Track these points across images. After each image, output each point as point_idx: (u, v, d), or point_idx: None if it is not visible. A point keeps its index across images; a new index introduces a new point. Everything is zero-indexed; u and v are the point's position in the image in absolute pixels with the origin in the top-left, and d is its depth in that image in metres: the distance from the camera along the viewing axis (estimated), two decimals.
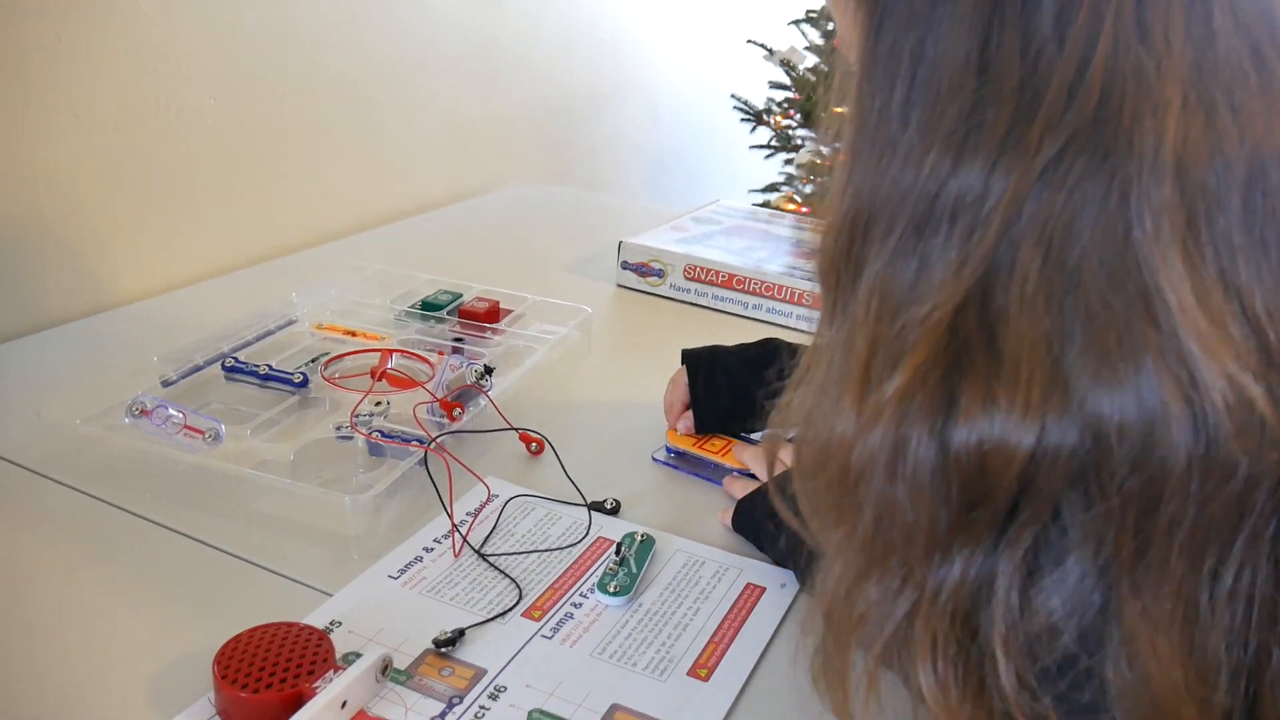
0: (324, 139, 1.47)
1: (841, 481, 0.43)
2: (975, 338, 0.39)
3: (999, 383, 0.38)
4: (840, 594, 0.45)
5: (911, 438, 0.40)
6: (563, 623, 0.68)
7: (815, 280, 0.47)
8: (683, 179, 2.54)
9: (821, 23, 2.23)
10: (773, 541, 0.75)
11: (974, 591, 0.41)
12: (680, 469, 0.88)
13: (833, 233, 0.45)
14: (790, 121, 2.31)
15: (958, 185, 0.40)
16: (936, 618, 0.41)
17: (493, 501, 0.81)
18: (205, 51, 1.25)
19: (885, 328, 0.41)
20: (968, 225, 0.39)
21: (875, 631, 0.44)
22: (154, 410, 0.83)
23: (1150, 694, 0.38)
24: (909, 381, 0.40)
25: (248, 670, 0.58)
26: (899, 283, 0.41)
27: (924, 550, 0.41)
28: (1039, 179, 0.38)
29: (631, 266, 1.32)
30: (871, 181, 0.42)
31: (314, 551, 0.75)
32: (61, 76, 1.10)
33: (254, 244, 1.39)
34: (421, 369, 0.98)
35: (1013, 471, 0.38)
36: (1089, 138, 0.38)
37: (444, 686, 0.62)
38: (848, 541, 0.44)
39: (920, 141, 0.41)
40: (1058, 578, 0.39)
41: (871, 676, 0.45)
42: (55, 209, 1.13)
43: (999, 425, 0.38)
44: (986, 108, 0.39)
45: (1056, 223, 0.38)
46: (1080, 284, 0.38)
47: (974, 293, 0.39)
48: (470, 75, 1.75)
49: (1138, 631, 0.38)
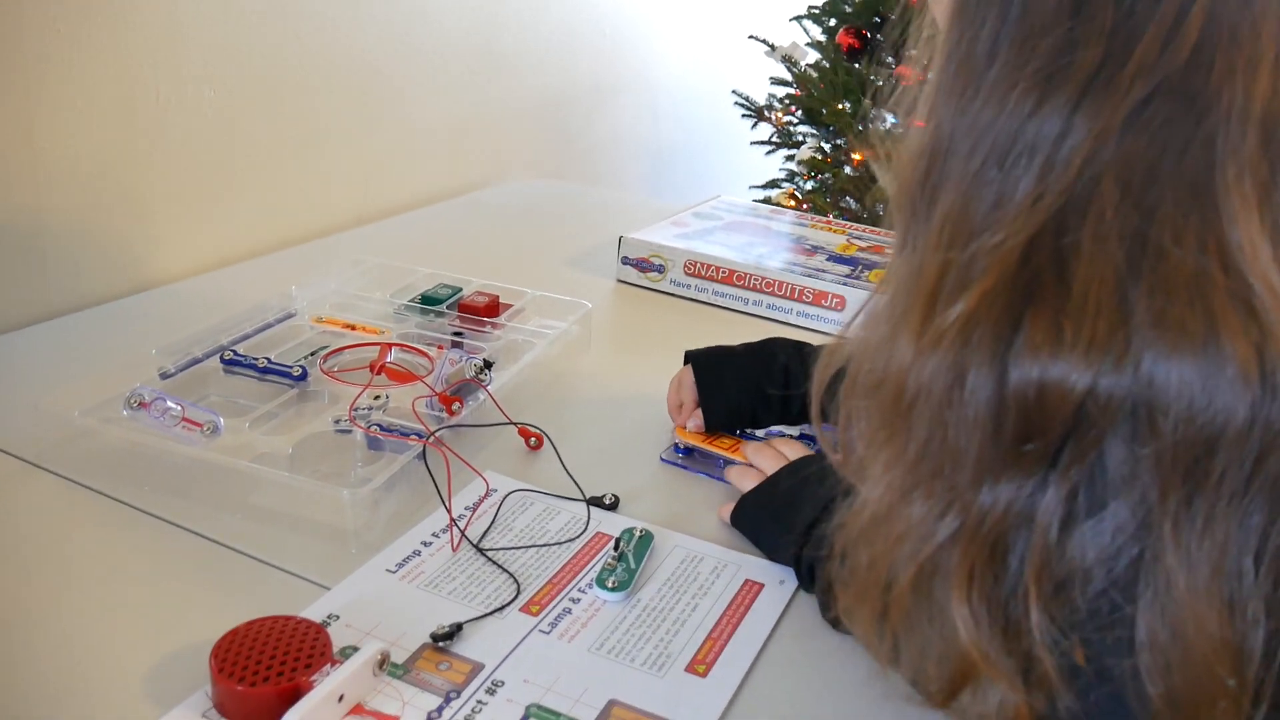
0: (324, 132, 1.47)
1: (895, 404, 0.44)
2: (1046, 269, 0.40)
3: (1065, 315, 0.39)
4: (881, 513, 0.45)
5: (971, 366, 0.41)
6: (561, 618, 0.68)
7: (892, 210, 0.48)
8: (683, 174, 2.54)
9: (823, 19, 2.23)
10: (771, 541, 0.75)
11: (1015, 525, 0.41)
12: (688, 468, 0.88)
13: (912, 163, 0.45)
14: (791, 118, 2.30)
15: (1041, 122, 0.40)
16: (976, 547, 0.42)
17: (491, 496, 0.81)
18: (204, 43, 1.25)
19: (956, 254, 0.42)
20: (1047, 161, 0.40)
21: (912, 554, 0.44)
22: (152, 402, 0.83)
23: (1182, 646, 0.38)
24: (974, 307, 0.40)
25: (244, 663, 0.58)
26: (974, 211, 0.42)
27: (972, 476, 0.41)
28: (1124, 121, 0.39)
29: (632, 262, 1.32)
30: (953, 115, 0.43)
31: (312, 545, 0.74)
32: (59, 67, 1.09)
33: (253, 237, 1.39)
34: (421, 363, 0.98)
35: (1068, 409, 0.39)
36: (1178, 85, 0.39)
37: (441, 681, 0.62)
38: (896, 461, 0.45)
39: (1005, 78, 0.41)
40: (1096, 520, 0.39)
41: (902, 601, 0.45)
42: (53, 201, 1.12)
43: (1061, 359, 0.39)
44: (1077, 48, 0.40)
45: (1138, 164, 0.39)
46: (1155, 222, 0.39)
47: (1049, 225, 0.40)
48: (471, 69, 1.74)
49: (1176, 581, 0.38)
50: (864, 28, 2.10)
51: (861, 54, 2.11)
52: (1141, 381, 0.38)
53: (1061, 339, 0.39)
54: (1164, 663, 0.38)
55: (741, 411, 0.89)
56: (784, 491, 0.76)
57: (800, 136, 2.31)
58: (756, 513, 0.77)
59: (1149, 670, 0.39)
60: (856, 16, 2.14)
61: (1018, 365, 0.40)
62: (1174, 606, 0.38)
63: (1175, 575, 0.38)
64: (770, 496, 0.77)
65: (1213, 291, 0.37)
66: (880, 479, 0.46)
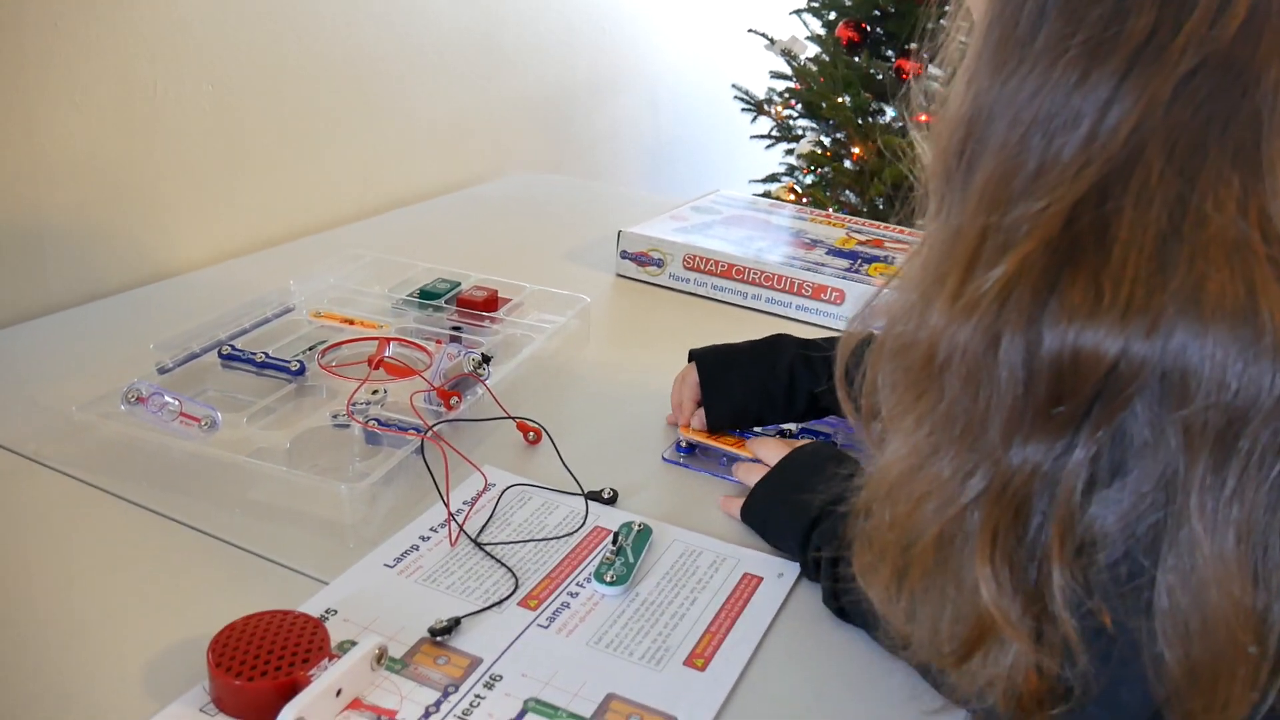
0: (322, 127, 1.47)
1: (926, 366, 0.44)
2: (1086, 235, 0.40)
3: (1103, 279, 0.39)
4: (906, 472, 0.46)
5: (1006, 330, 0.41)
6: (559, 612, 0.68)
7: (927, 177, 0.48)
8: (683, 169, 2.54)
9: (823, 13, 2.22)
10: (779, 528, 0.75)
11: (1040, 486, 0.41)
12: (690, 467, 0.87)
13: (950, 130, 0.45)
14: (791, 111, 2.30)
15: (1087, 92, 0.41)
16: (1001, 508, 0.42)
17: (489, 490, 0.81)
18: (203, 39, 1.25)
19: (996, 219, 0.42)
20: (1092, 130, 0.40)
21: (937, 512, 0.44)
22: (150, 397, 0.82)
23: (1204, 612, 0.38)
24: (1014, 271, 0.41)
25: (242, 658, 0.58)
26: (1016, 178, 0.42)
27: (1001, 437, 0.42)
28: (1173, 91, 0.39)
29: (631, 256, 1.32)
30: (994, 84, 0.43)
31: (310, 540, 0.74)
32: (58, 63, 1.09)
33: (252, 231, 1.38)
34: (419, 357, 0.98)
35: (1099, 372, 0.39)
36: (1225, 58, 0.39)
37: (439, 675, 0.62)
38: (924, 421, 0.45)
39: (1051, 48, 0.42)
40: (1120, 482, 0.40)
41: (923, 560, 0.45)
42: (51, 196, 1.12)
43: (1096, 324, 0.39)
44: (1127, 18, 0.40)
45: (1183, 134, 0.39)
46: (1198, 190, 0.39)
47: (1091, 192, 0.40)
48: (470, 63, 1.74)
49: (1200, 546, 0.38)
50: (863, 21, 2.10)
51: (861, 47, 2.10)
52: (1175, 348, 0.38)
53: (1099, 303, 0.39)
54: (1184, 628, 0.39)
55: (746, 412, 0.89)
56: (791, 477, 0.77)
57: (800, 130, 2.30)
58: (767, 501, 0.77)
59: (1167, 635, 0.39)
60: (856, 10, 2.13)
61: (1053, 329, 0.40)
62: (1197, 572, 0.38)
63: (1200, 541, 0.38)
64: (779, 483, 0.77)
65: (1253, 261, 0.38)
66: (907, 439, 0.46)
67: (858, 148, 2.08)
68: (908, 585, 0.47)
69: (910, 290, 0.47)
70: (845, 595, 0.68)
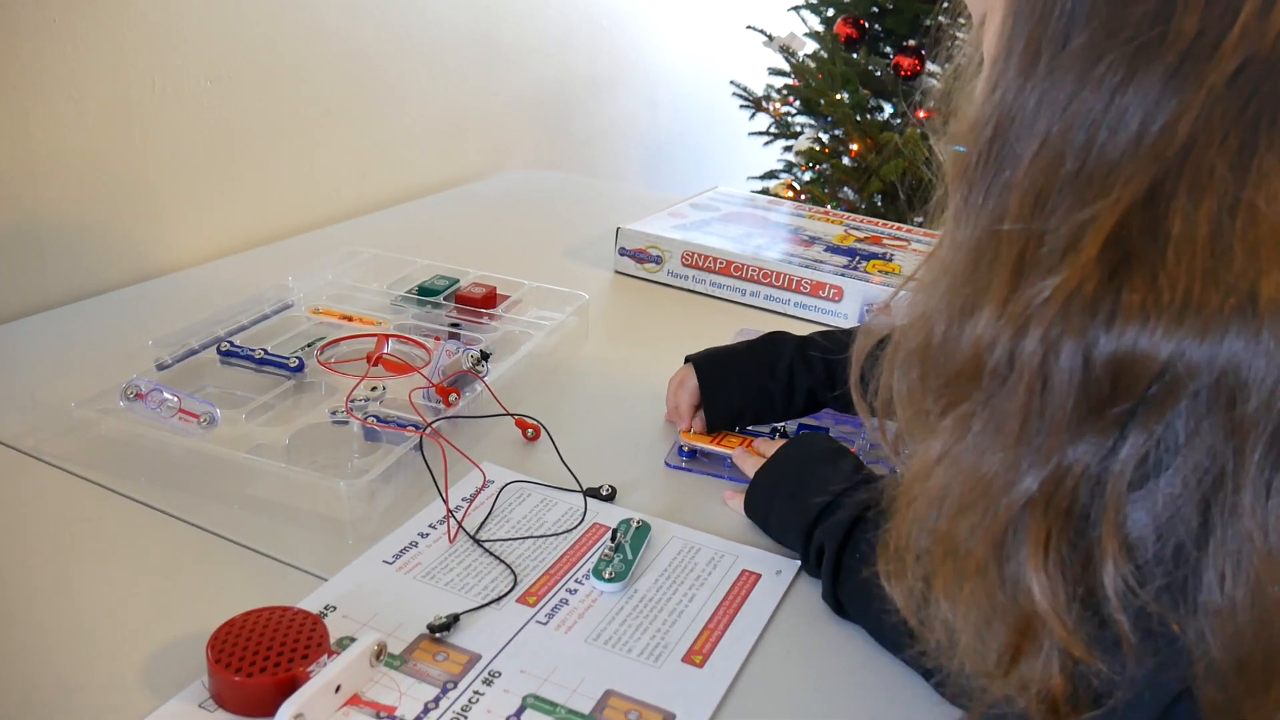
0: (321, 123, 1.47)
1: (969, 373, 0.44)
2: (1139, 239, 0.40)
3: (1159, 283, 0.39)
4: (948, 475, 0.45)
5: (1064, 336, 0.40)
6: (557, 609, 0.68)
7: (948, 178, 0.47)
8: (681, 165, 2.54)
9: (821, 9, 2.22)
10: (781, 520, 0.75)
11: (1090, 487, 0.41)
12: (693, 471, 0.87)
13: (974, 132, 0.44)
14: (789, 108, 2.30)
15: (1134, 93, 0.40)
16: (1054, 509, 0.42)
17: (488, 487, 0.81)
18: (202, 34, 1.24)
19: (1040, 225, 0.42)
20: (1141, 132, 0.40)
21: (985, 517, 0.43)
22: (149, 394, 0.83)
23: (1257, 608, 0.38)
24: (1074, 278, 0.40)
25: (241, 654, 0.58)
26: (1058, 183, 0.41)
27: (1053, 438, 0.41)
28: (1223, 89, 0.39)
29: (629, 253, 1.32)
30: (1023, 85, 0.43)
31: (309, 536, 0.74)
32: (56, 59, 1.09)
33: (250, 228, 1.38)
34: (418, 354, 0.98)
35: (1153, 372, 0.39)
36: (1271, 55, 0.39)
37: (438, 671, 0.62)
38: (966, 424, 0.44)
39: (1090, 48, 0.41)
40: (1170, 478, 0.39)
41: (967, 564, 0.45)
42: (49, 192, 1.12)
43: (1151, 327, 0.39)
44: (1173, 16, 0.39)
45: (1233, 130, 0.39)
46: (1249, 185, 0.38)
47: (1142, 197, 0.40)
48: (469, 60, 1.74)
49: (1254, 542, 0.38)
50: (862, 18, 2.10)
51: (859, 44, 2.10)
52: (1230, 348, 0.38)
53: (1155, 304, 0.39)
54: (1235, 624, 0.38)
55: (744, 412, 0.89)
56: (791, 467, 0.77)
57: (798, 127, 2.30)
58: (769, 494, 0.77)
59: (1217, 631, 0.39)
60: (854, 7, 2.13)
61: (1109, 333, 0.40)
62: (1250, 568, 0.38)
63: (1253, 536, 0.38)
64: (778, 474, 0.77)
65: None
66: (944, 443, 0.45)
67: (856, 144, 2.08)
68: (945, 590, 0.46)
69: (937, 294, 0.46)
70: (845, 591, 0.68)
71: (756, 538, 0.77)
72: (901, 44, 2.06)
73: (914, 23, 2.06)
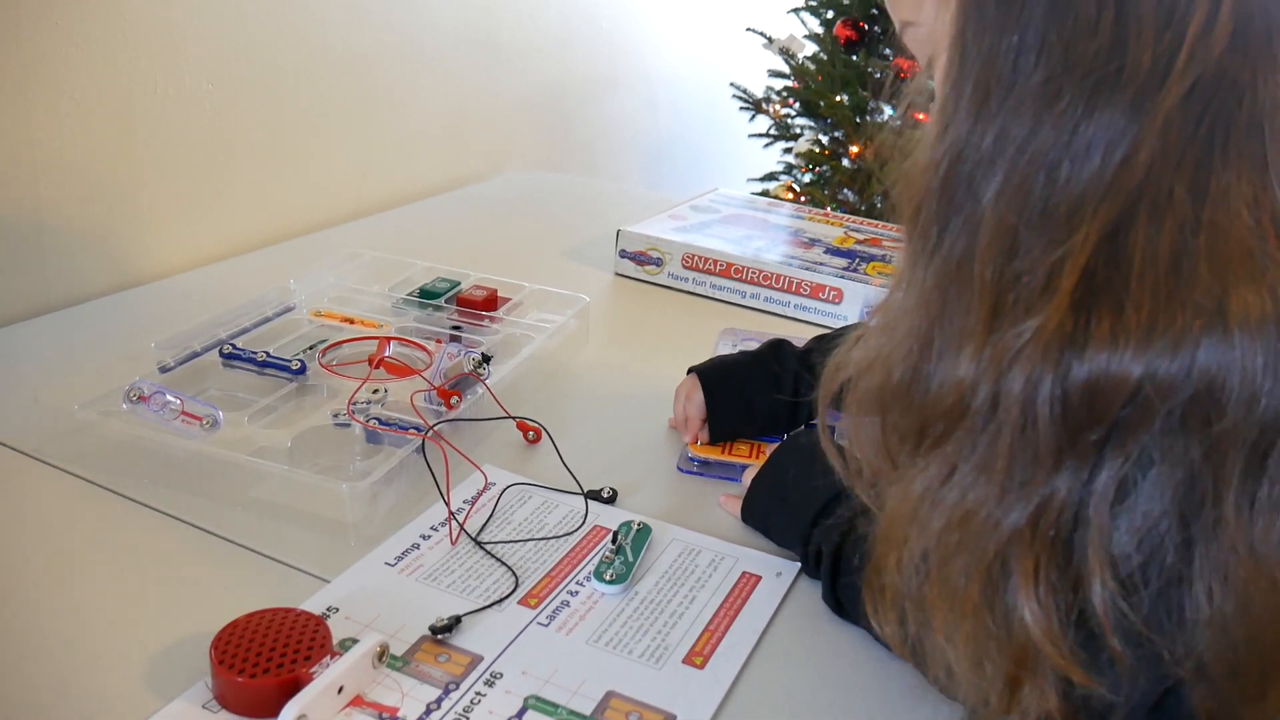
0: (322, 125, 1.47)
1: (949, 414, 0.44)
2: (1108, 268, 0.40)
3: (1127, 306, 0.39)
4: (931, 513, 0.45)
5: (1043, 373, 0.40)
6: (559, 610, 0.69)
7: (903, 220, 0.47)
8: (681, 167, 2.54)
9: (821, 11, 2.23)
10: (780, 523, 0.75)
11: (1074, 512, 0.41)
12: (705, 475, 0.87)
13: (926, 173, 0.44)
14: (789, 110, 2.30)
15: (1094, 127, 0.40)
16: (1040, 539, 0.42)
17: (490, 489, 0.81)
18: (203, 36, 1.25)
19: (1011, 264, 0.42)
20: (1103, 165, 0.40)
21: (975, 551, 0.43)
22: (152, 396, 0.83)
23: (1246, 616, 0.38)
24: (1054, 318, 0.40)
25: (245, 655, 0.59)
26: (1024, 221, 0.41)
27: (1036, 468, 0.41)
28: (1178, 112, 0.39)
29: (629, 255, 1.32)
30: (975, 125, 0.43)
31: (311, 538, 0.75)
32: (58, 61, 1.09)
33: (252, 230, 1.39)
34: (419, 357, 0.98)
35: (1126, 394, 0.39)
36: (1217, 72, 0.39)
37: (440, 673, 0.62)
38: (947, 463, 0.44)
39: (1044, 87, 0.41)
40: (1149, 496, 0.40)
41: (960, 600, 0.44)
42: (52, 194, 1.12)
43: (1123, 350, 0.39)
44: (1127, 50, 0.40)
45: (1189, 150, 0.39)
46: (1209, 204, 0.39)
47: (1110, 228, 0.40)
48: (469, 61, 1.74)
49: (1237, 552, 0.38)
50: (861, 20, 2.10)
51: (859, 46, 2.11)
52: (1202, 364, 0.38)
53: (1122, 331, 0.39)
54: (1226, 632, 0.39)
55: (750, 423, 0.89)
56: (785, 470, 0.77)
57: (798, 129, 2.30)
58: (767, 497, 0.77)
59: (1211, 645, 0.39)
60: (854, 9, 2.13)
61: (1081, 361, 0.40)
62: (1237, 577, 0.38)
63: (1237, 546, 0.38)
64: (775, 479, 0.77)
65: (1273, 268, 0.38)
66: (924, 482, 0.45)
67: (856, 146, 2.08)
68: (945, 632, 0.46)
69: (898, 336, 0.46)
70: (845, 592, 0.68)
71: (757, 540, 0.78)
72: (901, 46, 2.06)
73: None
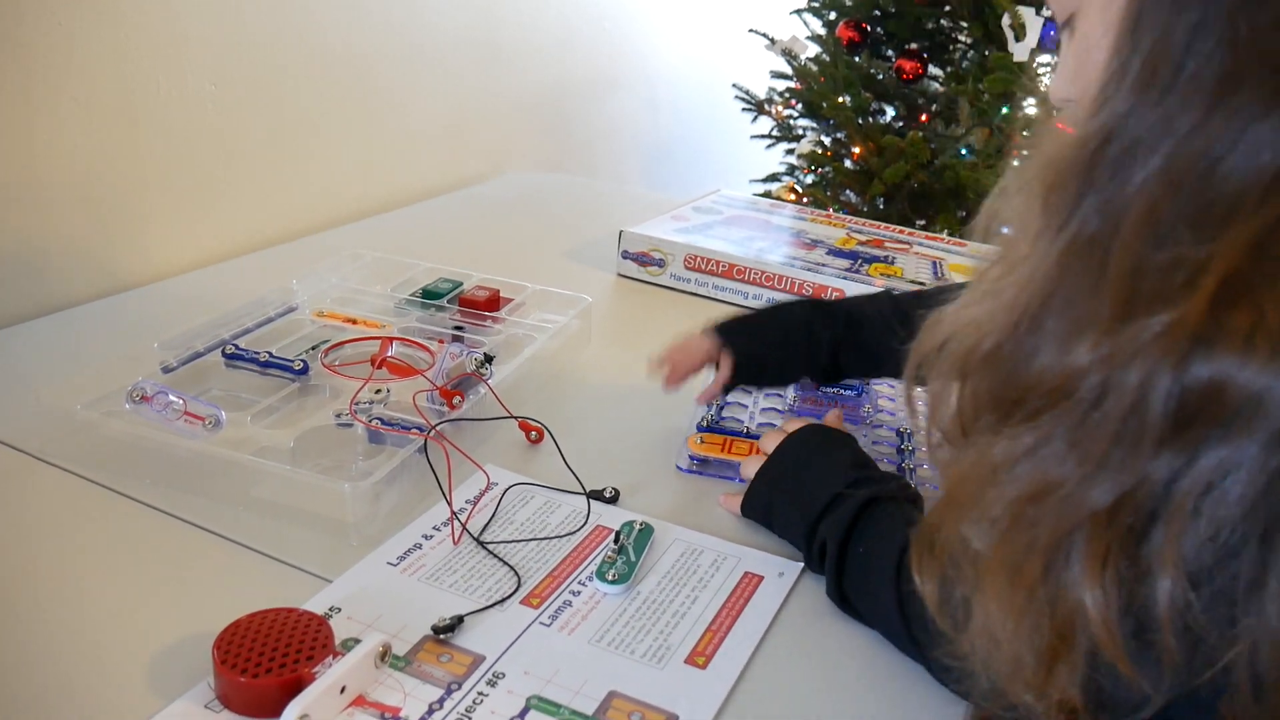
0: (324, 126, 1.47)
1: (1056, 393, 0.42)
2: (1252, 270, 0.39)
3: (1263, 321, 0.38)
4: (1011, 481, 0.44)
5: (1163, 366, 0.39)
6: (561, 610, 0.69)
7: (1035, 191, 0.45)
8: (683, 168, 2.54)
9: (823, 13, 2.23)
10: (784, 518, 0.75)
11: (1160, 501, 0.40)
12: (705, 474, 0.87)
13: (1074, 148, 0.43)
14: (791, 111, 2.30)
15: (1270, 128, 0.39)
16: (1118, 522, 0.41)
17: (492, 489, 0.81)
18: (206, 37, 1.25)
19: (1158, 255, 0.40)
20: (1272, 164, 0.38)
21: (1051, 524, 0.43)
22: (154, 396, 0.83)
23: None
24: (1191, 315, 0.39)
25: (247, 655, 0.59)
26: (1175, 214, 0.40)
27: (1133, 452, 0.41)
28: None
29: (632, 256, 1.32)
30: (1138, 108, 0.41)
31: (313, 538, 0.75)
32: (61, 62, 1.09)
33: (255, 231, 1.39)
34: (422, 357, 0.98)
35: (1239, 402, 0.38)
36: None
37: (442, 672, 0.62)
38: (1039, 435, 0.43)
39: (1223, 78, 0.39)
40: (1229, 500, 0.39)
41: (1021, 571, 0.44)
42: (55, 194, 1.13)
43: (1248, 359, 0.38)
44: None
45: None
46: None
47: (1262, 236, 0.38)
48: (470, 62, 1.74)
49: None
50: (864, 21, 2.10)
51: (862, 47, 2.11)
52: None
53: (1256, 340, 0.38)
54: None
55: (768, 361, 0.89)
56: (790, 464, 0.77)
57: (800, 130, 2.31)
58: (769, 492, 0.77)
59: (1270, 652, 0.39)
60: (856, 10, 2.13)
61: (1209, 361, 0.39)
62: None
63: None
64: (778, 474, 0.77)
65: None
66: (1009, 452, 0.44)
67: (858, 147, 2.08)
68: (997, 598, 0.45)
69: (1019, 304, 0.45)
70: (850, 585, 0.68)
71: (759, 539, 0.78)
72: (903, 47, 2.07)
73: (916, 26, 2.07)
